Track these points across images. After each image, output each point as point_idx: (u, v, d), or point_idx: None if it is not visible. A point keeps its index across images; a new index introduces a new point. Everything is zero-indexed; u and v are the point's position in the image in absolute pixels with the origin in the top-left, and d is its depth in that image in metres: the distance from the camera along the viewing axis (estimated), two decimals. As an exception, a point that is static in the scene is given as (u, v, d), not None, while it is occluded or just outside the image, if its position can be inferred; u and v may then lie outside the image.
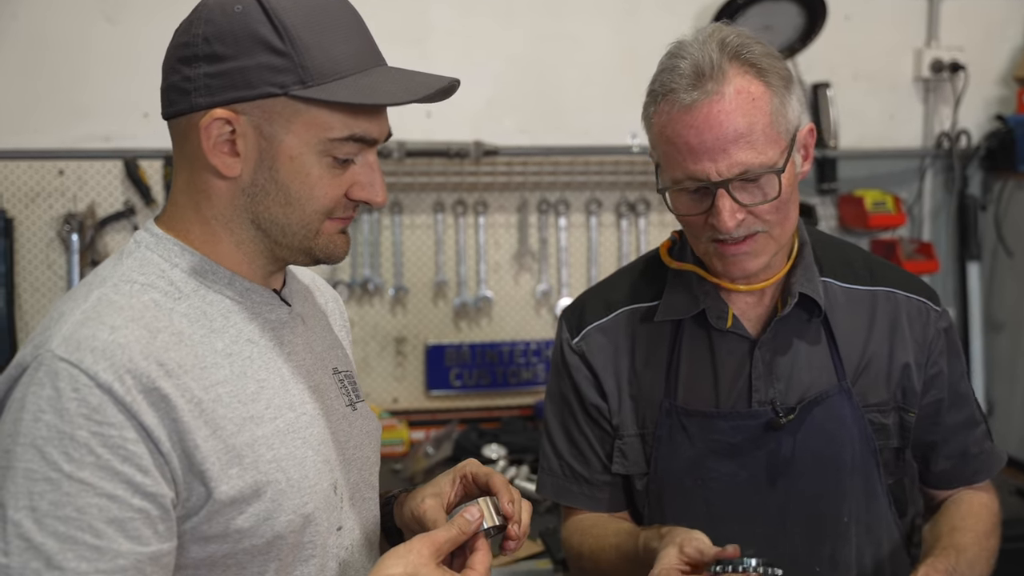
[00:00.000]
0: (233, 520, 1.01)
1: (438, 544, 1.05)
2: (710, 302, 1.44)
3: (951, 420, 1.50)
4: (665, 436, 1.45)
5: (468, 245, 2.86)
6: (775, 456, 1.43)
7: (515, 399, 2.92)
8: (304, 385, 1.13)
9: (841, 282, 1.47)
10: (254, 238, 1.09)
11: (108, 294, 1.03)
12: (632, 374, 1.48)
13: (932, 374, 1.47)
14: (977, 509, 1.48)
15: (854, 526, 1.44)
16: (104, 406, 0.94)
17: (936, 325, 1.48)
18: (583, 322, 1.52)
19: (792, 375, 1.44)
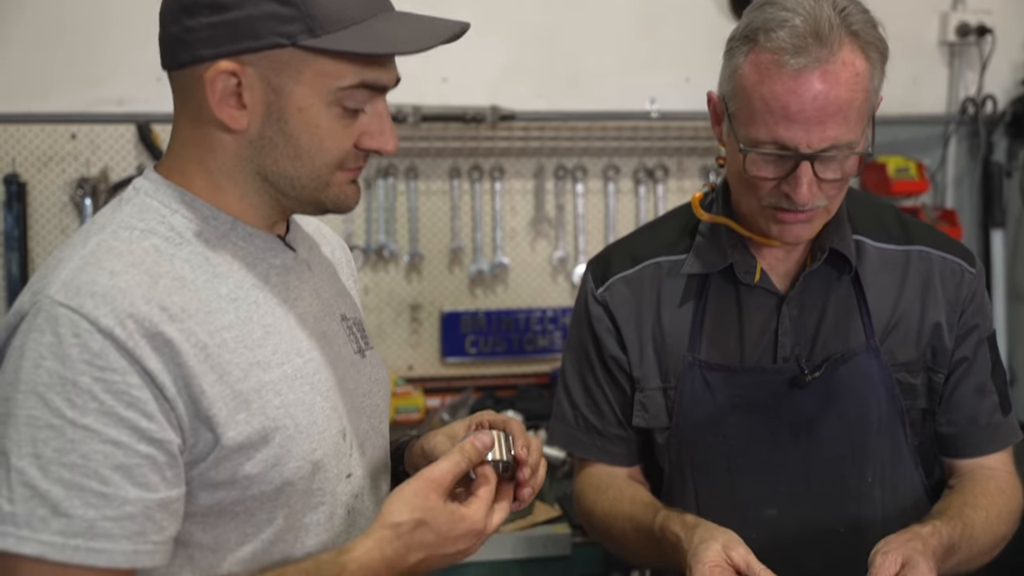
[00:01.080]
0: (241, 466, 0.99)
1: (441, 479, 1.04)
2: (738, 256, 1.41)
3: (965, 384, 1.46)
4: (687, 390, 1.43)
5: (484, 211, 2.83)
6: (799, 414, 1.40)
7: (531, 367, 2.90)
8: (311, 331, 1.11)
9: (874, 241, 1.44)
10: (259, 190, 1.07)
11: (107, 240, 1.00)
12: (656, 327, 1.46)
13: (960, 334, 1.44)
14: (994, 490, 1.43)
15: (879, 487, 1.42)
16: (106, 351, 0.92)
17: (971, 286, 1.44)
18: (608, 273, 1.49)
19: (819, 332, 1.41)
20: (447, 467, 1.04)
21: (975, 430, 1.47)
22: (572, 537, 2.12)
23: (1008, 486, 1.45)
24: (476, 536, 1.05)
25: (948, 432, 1.47)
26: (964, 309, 1.44)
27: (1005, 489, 1.44)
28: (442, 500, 1.03)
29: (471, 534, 1.04)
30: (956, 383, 1.45)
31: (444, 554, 1.05)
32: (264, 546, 1.03)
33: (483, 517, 1.05)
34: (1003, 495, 1.43)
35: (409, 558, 1.02)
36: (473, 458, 1.06)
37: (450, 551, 1.04)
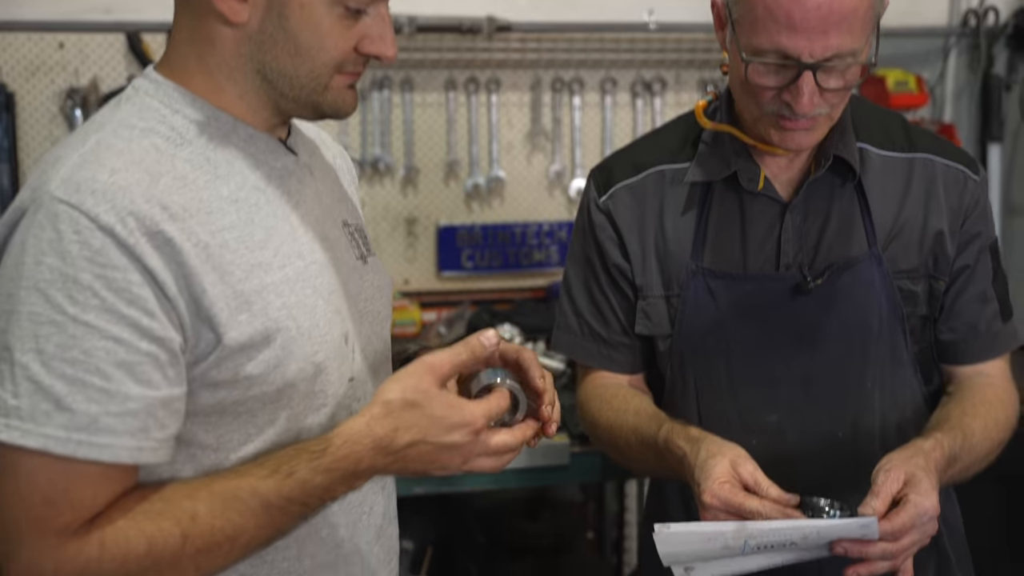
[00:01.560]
0: (243, 366, 0.99)
1: (439, 365, 1.01)
2: (742, 164, 1.40)
3: (967, 291, 1.46)
4: (690, 297, 1.43)
5: (480, 124, 2.80)
6: (800, 321, 1.40)
7: (528, 281, 2.90)
8: (313, 235, 1.10)
9: (878, 148, 1.43)
10: (259, 89, 1.05)
11: (106, 138, 0.99)
12: (659, 235, 1.46)
13: (962, 242, 1.44)
14: (991, 398, 1.44)
15: (878, 393, 1.43)
16: (107, 249, 0.91)
17: (974, 194, 1.44)
18: (611, 181, 1.48)
19: (822, 239, 1.41)
20: (447, 355, 1.03)
21: (975, 337, 1.47)
22: (570, 447, 2.15)
23: (1005, 394, 1.46)
24: (470, 432, 1.00)
25: (949, 339, 1.48)
26: (967, 217, 1.44)
27: (1002, 397, 1.45)
28: (436, 385, 1.01)
29: (464, 427, 1.00)
30: (958, 291, 1.46)
31: (437, 443, 1.00)
32: (266, 446, 1.03)
33: (480, 416, 1.01)
34: (1000, 403, 1.44)
35: (399, 439, 0.99)
36: (477, 351, 1.04)
37: (443, 440, 1.00)
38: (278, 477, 0.97)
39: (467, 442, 1.01)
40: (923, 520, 1.18)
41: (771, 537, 1.17)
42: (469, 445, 1.01)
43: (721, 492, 1.20)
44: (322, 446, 0.99)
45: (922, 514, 1.18)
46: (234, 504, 0.95)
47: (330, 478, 0.99)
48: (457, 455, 1.02)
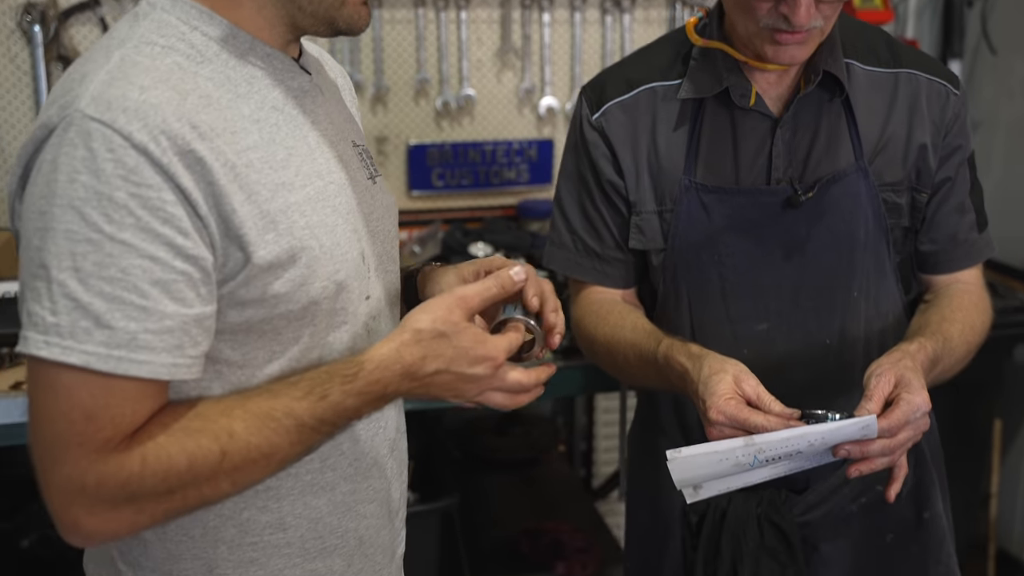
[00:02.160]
0: (270, 285, 1.00)
1: (470, 298, 1.05)
2: (733, 80, 1.42)
3: (948, 202, 1.52)
4: (684, 212, 1.46)
5: (450, 42, 2.77)
6: (791, 233, 1.44)
7: (498, 199, 2.91)
8: (329, 154, 1.11)
9: (863, 64, 1.46)
10: (276, 2, 1.04)
11: (130, 55, 0.98)
12: (652, 151, 1.48)
13: (944, 155, 1.49)
14: (968, 304, 1.51)
15: (863, 301, 1.48)
16: (141, 167, 0.91)
17: (955, 108, 1.48)
18: (603, 98, 1.50)
19: (811, 154, 1.44)
20: (478, 288, 1.06)
21: (954, 247, 1.53)
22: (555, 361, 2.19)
23: (980, 300, 1.53)
24: (491, 367, 1.04)
25: (929, 249, 1.53)
26: (948, 130, 1.48)
27: (977, 303, 1.52)
28: (465, 318, 1.04)
29: (487, 360, 1.04)
30: (939, 203, 1.51)
31: (460, 373, 1.04)
32: (290, 364, 1.06)
33: (501, 351, 1.05)
34: (976, 308, 1.50)
35: (426, 366, 1.02)
36: (507, 285, 1.07)
37: (466, 371, 1.04)
38: (312, 399, 0.99)
39: (487, 375, 1.05)
40: (916, 416, 1.24)
41: (779, 448, 1.21)
42: (488, 378, 1.05)
43: (727, 408, 1.23)
44: (354, 370, 1.02)
45: (915, 410, 1.23)
46: (269, 423, 0.98)
47: (360, 400, 1.02)
48: (475, 386, 1.06)
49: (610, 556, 2.57)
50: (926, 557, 1.59)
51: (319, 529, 1.12)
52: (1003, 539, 3.01)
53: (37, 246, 0.92)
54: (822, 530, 1.54)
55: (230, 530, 1.08)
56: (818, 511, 1.53)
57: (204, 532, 1.07)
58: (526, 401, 1.10)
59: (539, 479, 2.97)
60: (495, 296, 1.08)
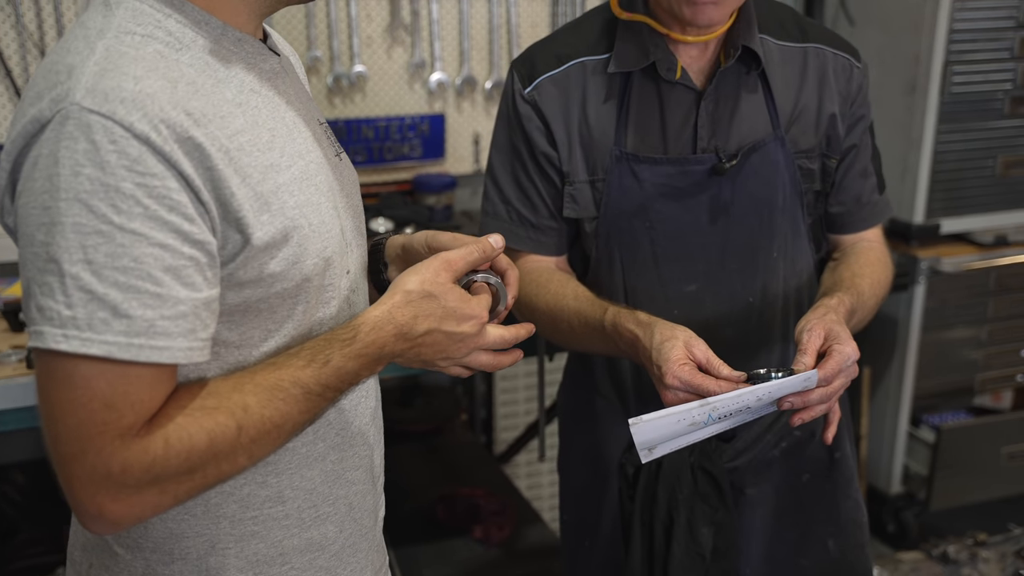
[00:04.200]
0: (266, 265, 1.03)
1: (455, 262, 1.12)
2: (660, 54, 1.50)
3: (854, 167, 1.64)
4: (615, 181, 1.54)
5: (339, 19, 2.77)
6: (716, 199, 1.54)
7: (393, 175, 2.93)
8: (306, 133, 1.14)
9: (776, 39, 1.56)
10: None
11: (114, 45, 0.97)
12: (583, 123, 1.54)
13: (850, 124, 1.61)
14: (874, 260, 1.63)
15: (782, 261, 1.59)
16: (144, 157, 0.92)
17: (858, 80, 1.60)
18: (535, 73, 1.56)
19: (733, 124, 1.53)
20: (463, 253, 1.12)
21: (859, 208, 1.67)
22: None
23: (883, 255, 1.67)
24: (478, 324, 1.10)
25: (837, 211, 1.66)
26: (854, 101, 1.60)
27: (881, 258, 1.65)
28: (451, 280, 1.11)
29: (472, 319, 1.10)
30: (846, 168, 1.63)
31: (449, 332, 1.09)
32: (285, 340, 1.08)
33: (484, 309, 1.11)
34: (880, 263, 1.64)
35: (418, 326, 1.08)
36: (488, 252, 1.14)
37: (455, 330, 1.10)
38: (316, 366, 1.03)
39: (474, 333, 1.11)
40: (847, 364, 1.35)
41: (731, 405, 1.30)
42: (474, 336, 1.11)
43: (681, 373, 1.31)
44: (351, 334, 1.06)
45: (846, 359, 1.34)
46: (278, 393, 1.01)
47: (359, 363, 1.06)
48: (463, 345, 1.12)
49: (524, 517, 2.67)
50: (836, 493, 1.74)
51: (313, 499, 1.16)
52: (872, 477, 3.27)
53: (44, 241, 0.91)
54: (748, 475, 1.67)
55: (231, 506, 1.10)
56: (744, 457, 1.66)
57: (206, 510, 1.09)
58: (509, 362, 1.17)
59: (444, 448, 3.03)
60: (477, 261, 1.14)
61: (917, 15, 2.89)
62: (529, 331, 1.19)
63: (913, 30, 2.91)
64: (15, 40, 2.49)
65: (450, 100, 2.95)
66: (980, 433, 3.15)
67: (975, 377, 3.19)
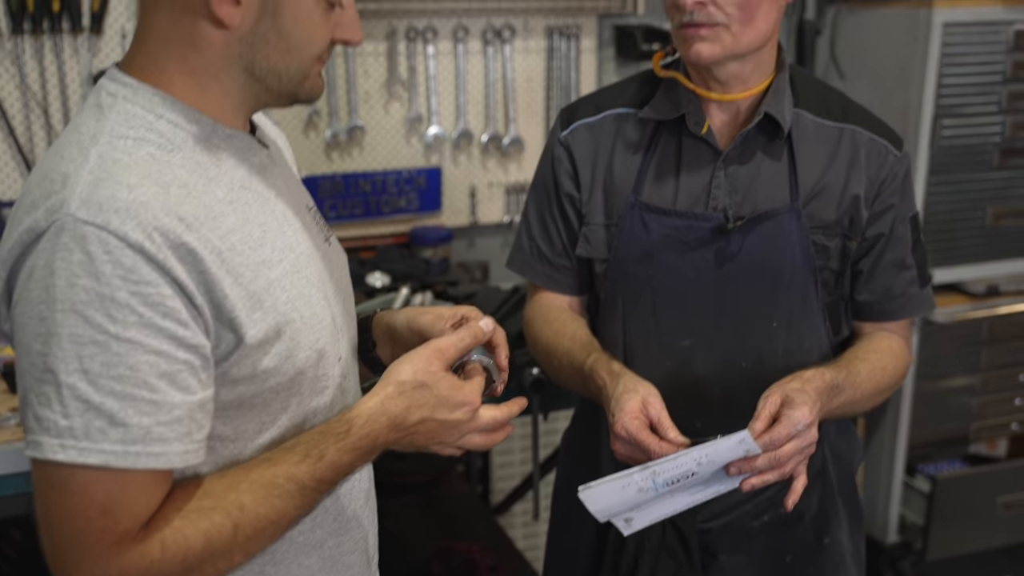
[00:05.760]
0: (260, 361, 1.05)
1: (446, 350, 1.14)
2: (691, 109, 1.56)
3: (884, 257, 1.60)
4: (627, 227, 1.59)
5: (338, 75, 2.80)
6: (720, 258, 1.56)
7: (390, 227, 2.96)
8: (295, 224, 1.16)
9: (814, 115, 1.57)
10: (244, 86, 1.08)
11: (108, 152, 1.00)
12: (608, 169, 1.61)
13: (878, 211, 1.58)
14: (884, 348, 1.59)
15: (784, 332, 1.58)
16: (138, 265, 0.94)
17: (893, 167, 1.58)
18: (573, 118, 1.65)
19: (750, 188, 1.55)
20: (454, 340, 1.15)
21: (888, 300, 1.63)
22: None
23: (897, 346, 1.62)
24: (470, 411, 1.13)
25: (865, 300, 1.63)
26: (883, 187, 1.58)
27: (894, 348, 1.61)
28: (444, 368, 1.13)
29: (465, 406, 1.13)
30: (876, 257, 1.60)
31: (442, 420, 1.12)
32: (280, 432, 1.10)
33: (476, 395, 1.14)
34: (891, 352, 1.59)
35: (411, 416, 1.10)
36: (479, 337, 1.17)
37: (448, 418, 1.12)
38: (310, 461, 1.05)
39: (467, 419, 1.14)
40: (798, 429, 1.34)
41: (673, 470, 1.31)
42: (467, 422, 1.14)
43: (630, 425, 1.36)
44: (345, 427, 1.08)
45: (795, 423, 1.34)
46: (274, 491, 1.03)
47: (354, 456, 1.08)
48: (456, 431, 1.14)
49: (519, 572, 2.67)
50: (823, 580, 1.72)
51: None
52: (868, 526, 3.27)
53: (40, 351, 0.93)
54: (723, 541, 1.66)
55: None
56: (720, 521, 1.65)
57: None
58: (501, 438, 1.19)
59: (440, 500, 3.03)
60: (468, 347, 1.17)
61: (906, 69, 2.93)
62: (521, 406, 1.21)
63: (903, 83, 2.95)
64: (19, 100, 2.52)
65: (447, 153, 2.98)
66: (976, 482, 3.15)
67: (970, 426, 3.21)
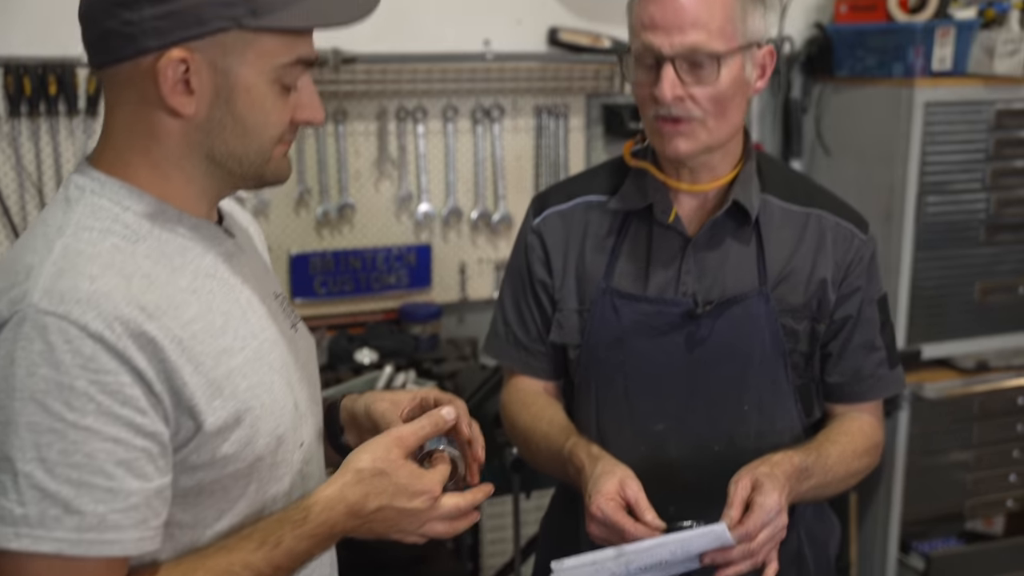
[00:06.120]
0: (219, 448, 1.06)
1: (406, 438, 1.15)
2: (658, 197, 1.59)
3: (853, 340, 1.62)
4: (598, 313, 1.61)
5: (329, 154, 2.85)
6: (690, 343, 1.57)
7: (380, 304, 2.99)
8: (260, 312, 1.18)
9: (781, 200, 1.60)
10: (206, 172, 1.11)
11: (72, 243, 1.02)
12: (580, 256, 1.64)
13: (845, 293, 1.60)
14: (855, 430, 1.60)
15: (755, 415, 1.59)
16: (98, 354, 0.96)
17: (859, 251, 1.60)
18: (545, 206, 1.68)
19: (719, 274, 1.58)
20: (414, 428, 1.16)
21: (858, 381, 1.64)
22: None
23: (868, 427, 1.63)
24: (429, 499, 1.14)
25: (835, 382, 1.64)
26: (849, 270, 1.60)
27: (865, 429, 1.62)
28: (403, 457, 1.14)
29: (424, 494, 1.14)
30: (845, 339, 1.61)
31: (401, 508, 1.13)
32: (238, 518, 1.11)
33: (436, 484, 1.15)
34: (862, 434, 1.61)
35: (368, 504, 1.11)
36: (440, 425, 1.18)
37: (407, 506, 1.13)
38: (267, 548, 1.06)
39: (426, 508, 1.14)
40: (770, 516, 1.35)
41: (645, 557, 1.32)
42: (427, 511, 1.15)
43: (606, 507, 1.37)
44: (302, 514, 1.08)
45: (768, 512, 1.35)
46: None
47: (311, 543, 1.09)
48: (415, 520, 1.15)
49: (506, 651, 2.63)
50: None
51: None
52: (864, 602, 3.23)
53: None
54: None
55: None
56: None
57: None
58: (466, 526, 1.19)
59: (429, 577, 3.00)
60: (429, 435, 1.19)
61: (891, 147, 2.97)
62: (487, 493, 1.22)
63: (887, 161, 2.99)
64: (14, 180, 2.57)
65: (436, 231, 3.02)
66: (972, 560, 3.12)
67: (965, 502, 3.18)
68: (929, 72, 2.92)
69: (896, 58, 2.98)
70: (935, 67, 2.92)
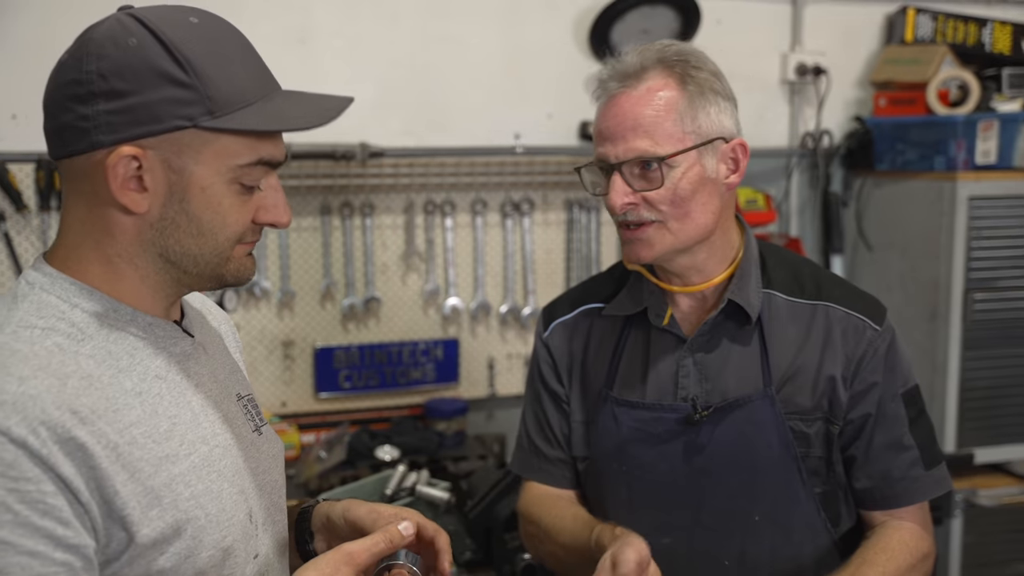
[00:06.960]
0: (155, 561, 1.01)
1: (357, 555, 1.08)
2: (653, 301, 1.55)
3: (876, 439, 1.50)
4: (600, 422, 1.57)
5: (355, 247, 2.85)
6: (691, 451, 1.50)
7: (405, 399, 2.94)
8: (214, 416, 1.13)
9: (786, 295, 1.53)
10: (161, 270, 1.08)
11: (9, 342, 0.99)
12: (583, 367, 1.62)
13: (860, 390, 1.49)
14: (895, 544, 1.47)
15: (768, 526, 1.49)
16: (19, 461, 0.92)
17: (871, 343, 1.49)
18: (551, 317, 1.68)
19: (720, 376, 1.50)
20: (367, 544, 1.09)
21: (889, 485, 1.51)
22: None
23: (912, 538, 1.48)
24: None
25: (864, 487, 1.52)
26: (861, 365, 1.49)
27: (907, 541, 1.48)
28: (353, 574, 1.07)
29: None
30: (868, 440, 1.50)
31: None
32: None
33: None
34: (904, 547, 1.47)
35: None
36: (396, 541, 1.11)
37: None
38: None
39: None
40: None
41: None
42: None
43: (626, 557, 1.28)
44: None
45: None
46: None
47: None
48: None
49: None
50: None
51: None
52: None
53: None
54: None
55: None
56: None
57: None
58: None
59: None
60: (383, 552, 1.11)
61: (934, 242, 2.87)
62: None
63: (932, 256, 2.88)
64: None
65: (464, 325, 2.98)
66: None
67: (1024, 619, 2.96)
68: (973, 165, 2.83)
69: (938, 151, 2.89)
70: (979, 160, 2.83)
